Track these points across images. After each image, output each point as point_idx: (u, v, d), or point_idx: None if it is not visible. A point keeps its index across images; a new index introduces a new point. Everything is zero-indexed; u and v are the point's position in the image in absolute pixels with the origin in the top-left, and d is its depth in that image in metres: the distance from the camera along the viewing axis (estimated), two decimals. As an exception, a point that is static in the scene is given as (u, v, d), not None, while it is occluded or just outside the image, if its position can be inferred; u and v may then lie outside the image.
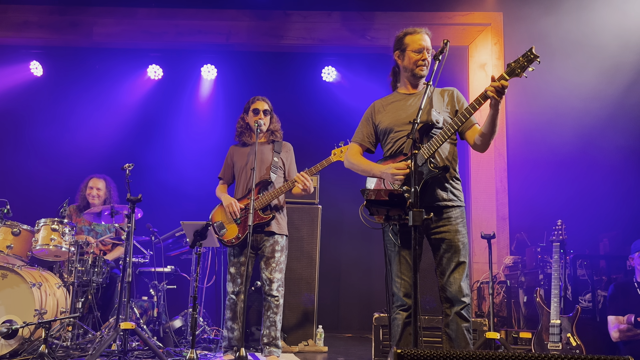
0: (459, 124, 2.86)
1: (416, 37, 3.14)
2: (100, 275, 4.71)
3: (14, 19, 6.62)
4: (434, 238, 2.99)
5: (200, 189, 6.41)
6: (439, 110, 3.04)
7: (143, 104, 7.25)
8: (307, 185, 4.08)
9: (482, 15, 6.41)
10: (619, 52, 5.81)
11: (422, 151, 2.87)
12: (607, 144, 5.72)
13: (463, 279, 2.93)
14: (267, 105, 4.33)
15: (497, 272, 5.61)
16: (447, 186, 2.99)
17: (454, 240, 2.95)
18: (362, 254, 6.95)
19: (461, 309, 2.90)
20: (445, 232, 2.95)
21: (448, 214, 2.97)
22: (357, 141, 3.30)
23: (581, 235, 5.30)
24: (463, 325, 2.90)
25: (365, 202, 2.83)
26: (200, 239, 3.82)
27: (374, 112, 3.28)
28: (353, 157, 3.26)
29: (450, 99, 3.12)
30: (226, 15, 6.60)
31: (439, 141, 2.86)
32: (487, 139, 2.95)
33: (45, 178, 6.78)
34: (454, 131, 2.88)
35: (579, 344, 3.95)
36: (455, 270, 2.93)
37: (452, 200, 2.99)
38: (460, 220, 2.99)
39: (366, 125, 3.29)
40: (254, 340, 5.00)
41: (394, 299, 3.00)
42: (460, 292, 2.91)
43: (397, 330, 2.97)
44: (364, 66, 7.05)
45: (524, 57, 2.67)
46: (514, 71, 2.68)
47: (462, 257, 2.94)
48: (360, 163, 3.20)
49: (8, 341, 3.94)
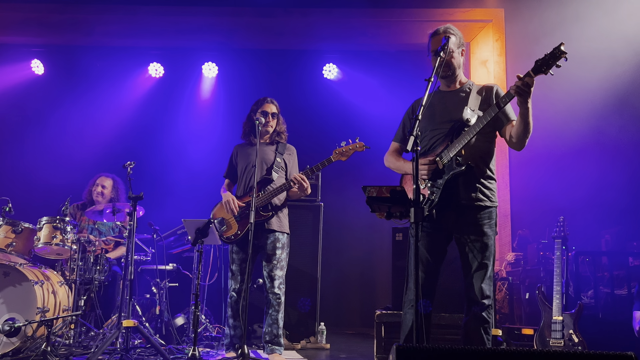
0: (484, 122, 2.83)
1: (432, 40, 3.11)
2: (102, 273, 4.72)
3: (15, 17, 6.62)
4: (460, 237, 2.97)
5: (201, 186, 6.41)
6: (474, 108, 2.98)
7: (144, 102, 7.26)
8: (304, 185, 4.09)
9: (484, 12, 6.39)
10: (622, 46, 5.79)
11: (450, 148, 2.87)
12: (609, 140, 5.71)
13: (484, 280, 2.90)
14: (275, 108, 4.35)
15: (499, 269, 5.61)
16: (477, 185, 2.95)
17: (478, 242, 2.92)
18: (364, 250, 6.95)
19: (481, 310, 2.89)
20: (470, 233, 2.93)
21: (475, 214, 2.94)
22: (396, 140, 3.35)
23: (583, 231, 5.29)
24: (482, 327, 2.89)
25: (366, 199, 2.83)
26: (202, 237, 3.82)
27: (412, 112, 3.29)
28: (390, 156, 3.33)
29: (487, 97, 3.05)
30: (227, 13, 6.58)
31: (465, 138, 2.84)
32: (521, 138, 2.89)
33: (46, 176, 6.78)
34: (480, 128, 2.85)
35: (581, 341, 3.94)
36: (477, 271, 2.91)
37: (480, 200, 2.95)
38: (487, 222, 2.95)
39: (404, 126, 3.32)
40: (256, 338, 5.00)
41: (409, 293, 2.98)
42: (481, 293, 2.89)
43: (407, 326, 2.97)
44: (365, 63, 7.05)
45: (551, 54, 2.61)
46: (539, 68, 2.64)
47: (486, 258, 2.92)
48: (394, 161, 3.28)
49: (10, 339, 3.95)
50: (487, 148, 3.02)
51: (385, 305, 4.53)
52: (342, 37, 6.83)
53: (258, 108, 4.32)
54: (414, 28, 6.50)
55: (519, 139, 2.90)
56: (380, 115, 6.37)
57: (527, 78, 2.65)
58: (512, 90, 2.70)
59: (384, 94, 6.69)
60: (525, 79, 2.65)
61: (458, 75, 3.14)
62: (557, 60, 2.60)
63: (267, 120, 4.28)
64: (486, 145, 3.02)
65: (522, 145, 2.94)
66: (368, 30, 6.73)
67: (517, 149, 3.04)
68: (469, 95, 3.04)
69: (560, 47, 2.60)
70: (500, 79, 6.19)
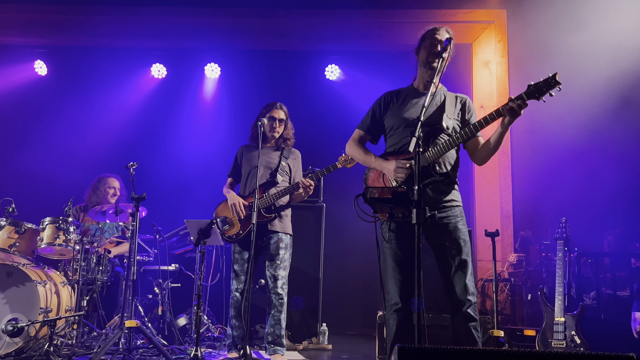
0: (468, 136, 2.85)
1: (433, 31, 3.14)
2: (104, 274, 4.73)
3: (18, 18, 6.64)
4: (434, 238, 2.97)
5: (204, 187, 6.42)
6: (450, 116, 3.01)
7: (147, 103, 7.28)
8: (309, 189, 4.16)
9: (486, 13, 6.39)
10: (625, 46, 5.78)
11: (427, 154, 2.87)
12: (611, 141, 5.70)
13: (467, 277, 2.89)
14: (283, 114, 4.38)
15: (501, 270, 5.61)
16: (446, 189, 2.98)
17: (455, 238, 2.92)
18: (366, 251, 6.94)
19: (467, 307, 2.87)
20: (445, 231, 2.93)
21: (447, 212, 2.96)
22: (362, 129, 3.29)
23: (585, 232, 5.29)
24: (470, 324, 2.87)
25: (361, 195, 2.83)
26: (204, 237, 3.83)
27: (382, 104, 3.25)
28: (355, 144, 3.27)
29: (462, 107, 3.09)
30: (229, 14, 6.59)
31: (445, 148, 2.86)
32: (490, 154, 2.96)
33: (49, 177, 6.79)
34: (461, 141, 2.88)
35: (583, 342, 3.94)
36: (458, 268, 2.90)
37: (450, 201, 2.99)
38: (460, 219, 2.98)
39: (373, 115, 3.27)
40: (258, 338, 5.01)
41: (389, 298, 2.97)
42: (466, 290, 2.87)
43: (391, 331, 2.93)
44: (368, 64, 7.05)
45: (545, 81, 2.61)
46: (533, 94, 2.64)
47: (465, 254, 2.92)
48: (360, 152, 3.22)
49: (13, 339, 3.96)
50: (456, 157, 3.07)
51: (387, 306, 4.52)
52: (344, 38, 6.83)
53: (267, 112, 4.35)
54: (416, 29, 6.43)
55: (488, 155, 2.97)
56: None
57: (520, 101, 2.66)
58: (504, 109, 2.71)
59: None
60: (518, 101, 2.66)
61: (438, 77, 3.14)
62: (550, 89, 2.61)
63: (273, 126, 4.32)
64: (455, 153, 3.06)
65: (487, 161, 3.03)
66: (370, 32, 6.73)
67: (479, 164, 3.10)
68: (445, 101, 3.06)
69: (555, 77, 2.60)
70: (503, 79, 6.19)
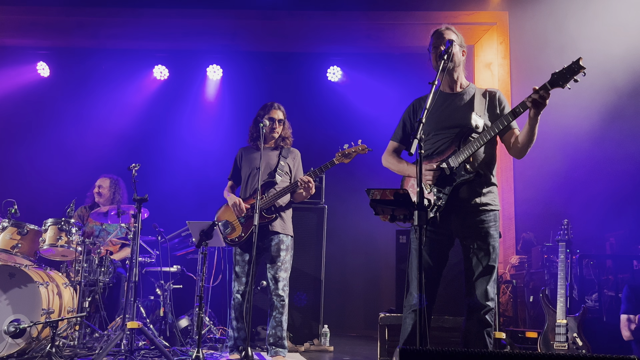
0: (496, 131, 2.83)
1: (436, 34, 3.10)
2: (106, 275, 4.73)
3: (21, 20, 6.66)
4: (465, 239, 2.97)
5: (206, 188, 6.43)
6: (480, 113, 2.98)
7: (149, 104, 7.29)
8: (310, 187, 4.12)
9: (488, 15, 6.39)
10: (627, 47, 5.78)
11: (458, 155, 2.86)
12: (614, 143, 5.69)
13: (490, 283, 2.90)
14: (282, 114, 4.38)
15: (503, 272, 5.60)
16: (482, 190, 2.95)
17: (484, 244, 2.92)
18: (368, 253, 6.95)
19: (484, 312, 2.88)
20: (477, 235, 2.93)
21: (481, 217, 2.94)
22: (395, 140, 3.29)
23: (588, 234, 5.28)
24: (485, 330, 2.88)
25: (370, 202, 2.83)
26: (206, 239, 3.83)
27: (412, 112, 3.23)
28: (389, 156, 3.28)
29: (490, 102, 3.05)
30: (231, 16, 6.61)
31: (474, 146, 2.84)
32: (525, 147, 2.91)
33: (52, 178, 6.81)
34: (490, 137, 2.85)
35: (585, 344, 3.94)
36: (482, 273, 2.90)
37: (485, 204, 2.95)
38: (493, 224, 2.95)
39: (404, 125, 3.25)
40: (260, 340, 5.01)
41: (409, 298, 2.97)
42: (486, 295, 2.88)
43: (406, 331, 2.95)
44: (370, 66, 7.05)
45: (568, 67, 2.59)
46: (557, 82, 2.62)
47: (492, 261, 2.91)
48: (394, 162, 3.23)
49: (16, 340, 3.97)
50: (491, 155, 3.03)
51: (389, 308, 4.54)
52: (346, 40, 6.84)
53: (265, 113, 4.35)
54: (417, 31, 6.51)
55: (524, 148, 2.92)
56: (384, 118, 6.37)
57: (543, 91, 2.64)
58: (527, 101, 2.69)
59: (388, 96, 6.70)
60: (541, 91, 2.63)
61: (459, 77, 3.13)
62: (575, 75, 2.58)
63: (273, 126, 4.32)
64: (490, 152, 3.02)
65: (525, 154, 2.97)
66: (372, 33, 6.74)
67: (518, 157, 3.05)
68: (473, 99, 3.03)
69: (579, 62, 2.56)
70: (505, 81, 6.19)
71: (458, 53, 3.06)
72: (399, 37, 6.72)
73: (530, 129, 2.81)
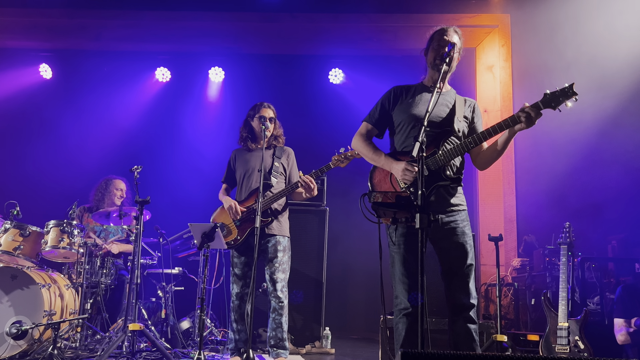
0: (479, 141, 2.84)
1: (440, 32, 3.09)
2: (108, 277, 4.74)
3: (24, 22, 6.68)
4: (440, 241, 2.97)
5: (208, 190, 6.41)
6: (460, 119, 3.02)
7: (151, 106, 7.31)
8: (311, 187, 4.10)
9: (490, 17, 6.40)
10: (629, 49, 5.78)
11: (438, 157, 2.87)
12: (615, 145, 5.69)
13: (471, 281, 2.92)
14: (272, 112, 4.35)
15: (505, 275, 5.60)
16: (453, 192, 3.00)
17: (461, 243, 2.93)
18: (369, 255, 6.92)
19: (469, 311, 2.89)
20: (452, 235, 2.94)
21: (454, 217, 2.97)
22: (369, 122, 3.22)
23: (589, 237, 5.28)
24: (471, 327, 2.88)
25: (367, 194, 2.82)
26: (208, 241, 3.83)
27: (392, 97, 3.18)
28: (362, 139, 3.20)
29: (470, 111, 3.10)
30: (233, 18, 6.62)
31: (456, 152, 2.86)
32: (494, 159, 2.97)
33: (54, 180, 6.83)
34: (474, 146, 2.86)
35: (587, 347, 3.93)
36: (463, 272, 2.91)
37: (457, 205, 3.00)
38: (466, 223, 2.99)
39: (382, 108, 3.19)
40: (261, 342, 5.01)
41: (398, 302, 2.96)
42: (468, 294, 2.89)
43: (400, 336, 2.94)
44: (371, 68, 7.06)
45: (562, 91, 2.59)
46: (549, 103, 2.62)
47: (470, 259, 2.93)
48: (369, 149, 3.14)
49: (17, 342, 3.97)
50: (462, 159, 3.06)
51: (390, 310, 4.53)
52: (348, 42, 6.85)
53: (255, 113, 4.33)
54: (419, 33, 6.48)
55: (491, 160, 3.00)
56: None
57: (535, 110, 2.64)
58: (519, 117, 2.69)
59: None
60: (534, 110, 2.64)
61: (447, 79, 3.13)
62: (567, 99, 2.58)
63: (265, 124, 4.29)
64: (461, 156, 3.05)
65: (489, 166, 3.05)
66: (374, 36, 6.75)
67: (481, 169, 3.14)
68: (455, 103, 3.05)
69: (572, 88, 2.56)
70: (506, 84, 6.19)
71: (456, 58, 3.07)
72: (401, 39, 6.72)
73: (505, 142, 2.86)
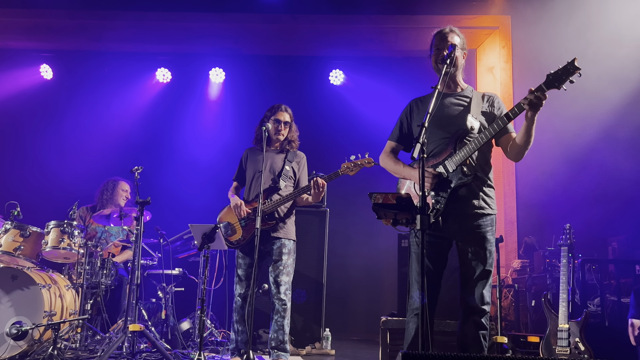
0: (492, 133, 2.82)
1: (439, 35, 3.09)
2: (108, 277, 4.74)
3: (24, 23, 6.69)
4: (461, 243, 2.97)
5: (208, 191, 6.43)
6: (476, 115, 2.99)
7: (152, 107, 7.31)
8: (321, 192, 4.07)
9: (490, 19, 6.40)
10: (631, 51, 5.78)
11: (454, 157, 2.86)
12: (615, 147, 5.69)
13: (486, 287, 2.91)
14: (289, 116, 4.34)
15: (505, 276, 5.59)
16: (479, 193, 2.97)
17: (481, 249, 2.93)
18: (370, 257, 6.95)
19: (480, 316, 2.89)
20: (473, 240, 2.93)
21: (478, 221, 2.95)
22: (392, 140, 3.28)
23: (590, 239, 5.27)
24: (480, 332, 2.88)
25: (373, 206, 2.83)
26: (209, 242, 3.83)
27: (409, 112, 3.23)
28: (387, 156, 3.26)
29: (489, 105, 3.07)
30: (234, 19, 6.62)
31: (470, 148, 2.84)
32: (522, 150, 2.91)
33: (54, 180, 6.83)
34: (487, 140, 2.84)
35: (588, 349, 3.93)
36: (479, 278, 2.91)
37: (483, 208, 2.96)
38: (490, 229, 2.97)
39: (401, 125, 3.25)
40: (262, 343, 5.01)
41: (411, 302, 2.97)
42: (482, 299, 2.89)
43: (410, 335, 2.95)
44: (372, 70, 7.06)
45: (564, 68, 2.58)
46: (552, 83, 2.61)
47: (488, 265, 2.93)
48: (391, 163, 3.21)
49: (18, 342, 3.97)
50: (487, 157, 3.04)
51: (390, 312, 4.53)
52: (348, 44, 6.85)
53: (272, 115, 4.32)
54: (420, 34, 6.52)
55: (520, 151, 2.93)
56: (385, 121, 6.36)
57: (540, 92, 2.63)
58: (523, 103, 2.68)
59: (390, 100, 6.69)
60: (537, 93, 2.63)
61: (459, 79, 3.14)
62: (570, 76, 2.57)
63: (279, 129, 4.29)
64: (486, 154, 3.04)
65: (522, 156, 2.97)
66: (374, 37, 6.75)
67: (515, 160, 3.07)
68: (470, 101, 3.04)
69: (574, 63, 2.55)
70: (507, 85, 6.19)
71: (460, 57, 3.06)
72: (402, 41, 6.73)
73: (527, 131, 2.81)
